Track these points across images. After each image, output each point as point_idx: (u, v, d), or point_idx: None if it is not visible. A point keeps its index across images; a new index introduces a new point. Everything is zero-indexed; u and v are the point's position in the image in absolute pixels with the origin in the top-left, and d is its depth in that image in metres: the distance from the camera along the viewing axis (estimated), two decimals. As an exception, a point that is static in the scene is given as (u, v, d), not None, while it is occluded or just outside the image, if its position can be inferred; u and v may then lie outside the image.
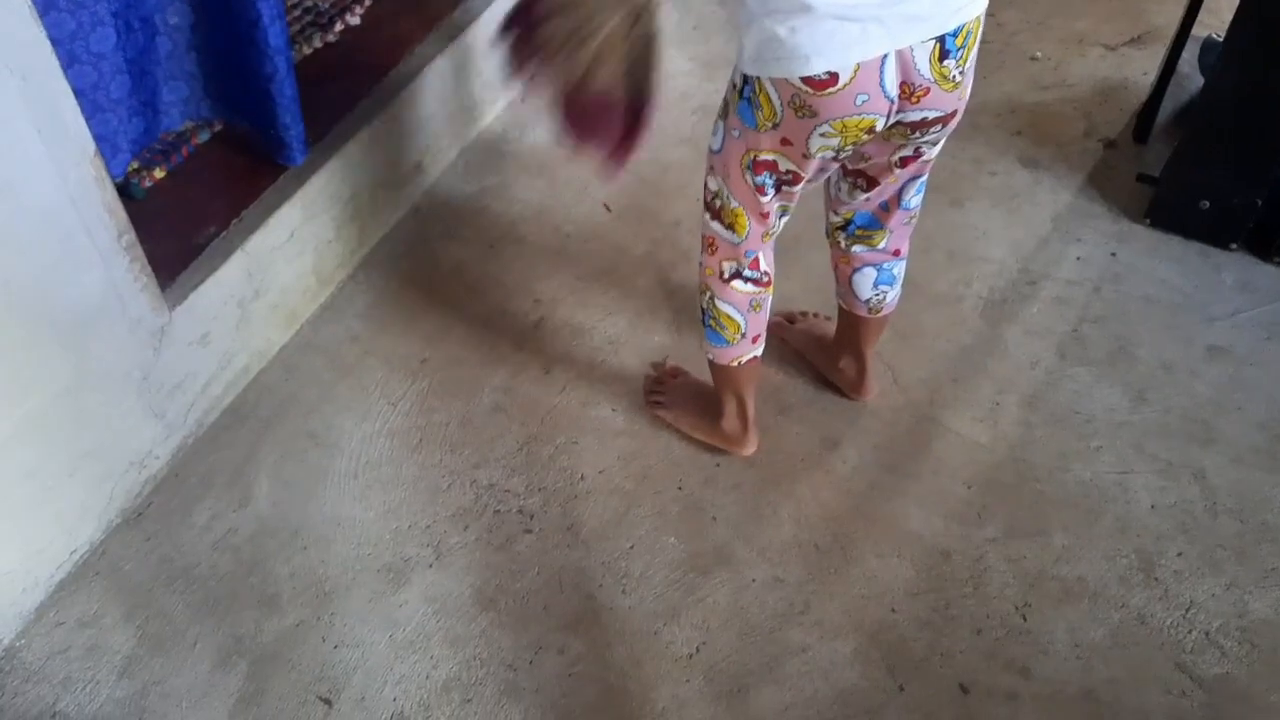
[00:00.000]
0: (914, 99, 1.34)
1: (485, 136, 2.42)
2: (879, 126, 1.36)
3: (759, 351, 1.73)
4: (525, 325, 2.06)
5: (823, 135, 1.37)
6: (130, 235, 1.60)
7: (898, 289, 1.76)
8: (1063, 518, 1.77)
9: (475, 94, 2.36)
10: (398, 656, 1.62)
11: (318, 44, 2.17)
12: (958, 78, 1.36)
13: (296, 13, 2.24)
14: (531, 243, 2.21)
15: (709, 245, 1.63)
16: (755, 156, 1.45)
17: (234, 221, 1.86)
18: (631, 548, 1.74)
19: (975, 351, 2.02)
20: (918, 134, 1.42)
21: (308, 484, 1.82)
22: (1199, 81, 2.32)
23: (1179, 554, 1.73)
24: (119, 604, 1.68)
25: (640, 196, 2.30)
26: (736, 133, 1.46)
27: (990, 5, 1.37)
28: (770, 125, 1.39)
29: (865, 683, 1.59)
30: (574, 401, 1.94)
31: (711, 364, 1.76)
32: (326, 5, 2.25)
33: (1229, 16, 1.94)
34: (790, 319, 2.05)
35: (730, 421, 1.82)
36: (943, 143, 1.51)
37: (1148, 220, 2.21)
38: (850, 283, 1.75)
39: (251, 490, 1.81)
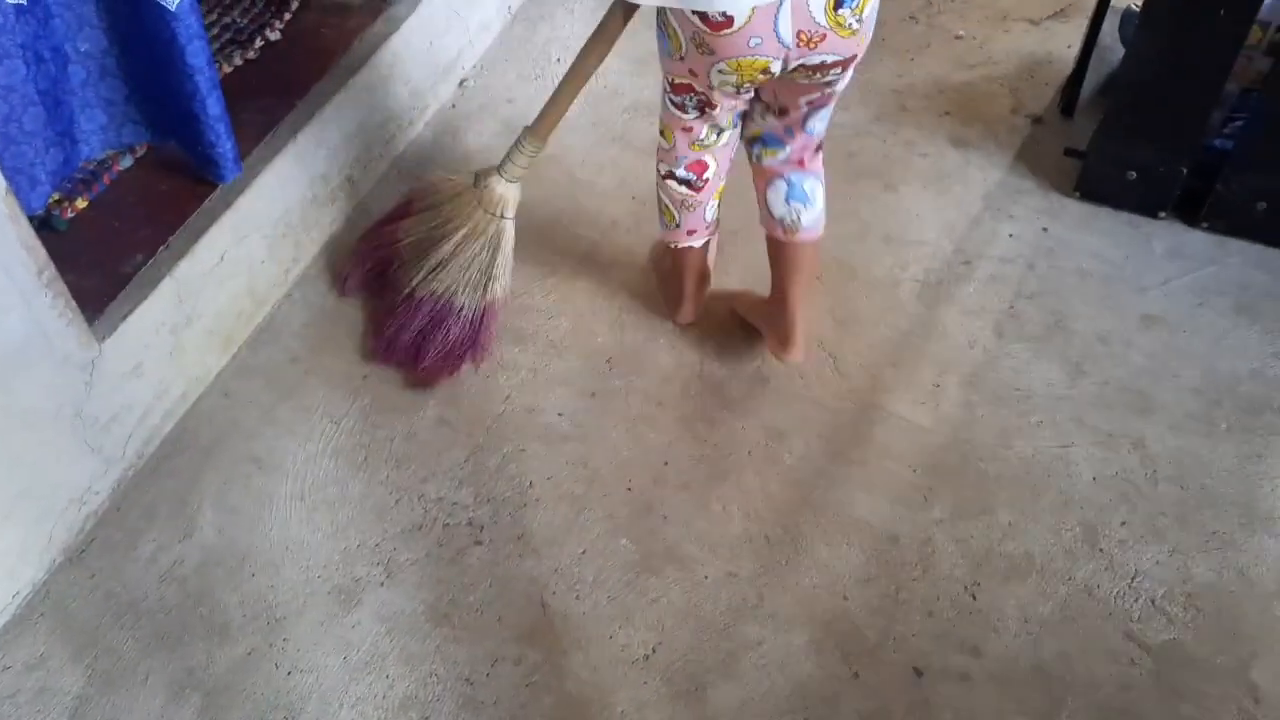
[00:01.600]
0: (811, 44, 1.47)
1: (417, 145, 2.40)
2: (774, 69, 1.50)
3: (694, 244, 1.89)
4: (466, 334, 2.05)
5: (720, 72, 1.53)
6: (51, 270, 1.57)
7: (813, 213, 1.79)
8: (1007, 495, 1.79)
9: (404, 102, 2.34)
10: (353, 678, 1.61)
11: (238, 61, 2.14)
12: (854, 25, 1.47)
13: (215, 30, 2.20)
14: (468, 250, 2.20)
15: (658, 141, 1.81)
16: (673, 80, 1.65)
17: (161, 248, 1.83)
18: (583, 553, 1.74)
19: (914, 335, 2.03)
20: (819, 75, 1.54)
21: (253, 509, 1.80)
22: (1121, 53, 2.35)
23: (1122, 524, 1.75)
24: (66, 644, 1.66)
25: (577, 198, 2.29)
26: (659, 57, 1.65)
27: None
28: (679, 56, 1.56)
29: (821, 672, 1.60)
30: (519, 409, 1.93)
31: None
32: (245, 22, 2.22)
33: (1144, -11, 1.97)
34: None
35: (670, 287, 2.02)
36: (849, 77, 1.60)
37: (1077, 193, 2.23)
38: (766, 201, 1.81)
39: (196, 519, 1.79)
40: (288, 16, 2.23)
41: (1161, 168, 2.12)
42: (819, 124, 1.72)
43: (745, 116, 1.77)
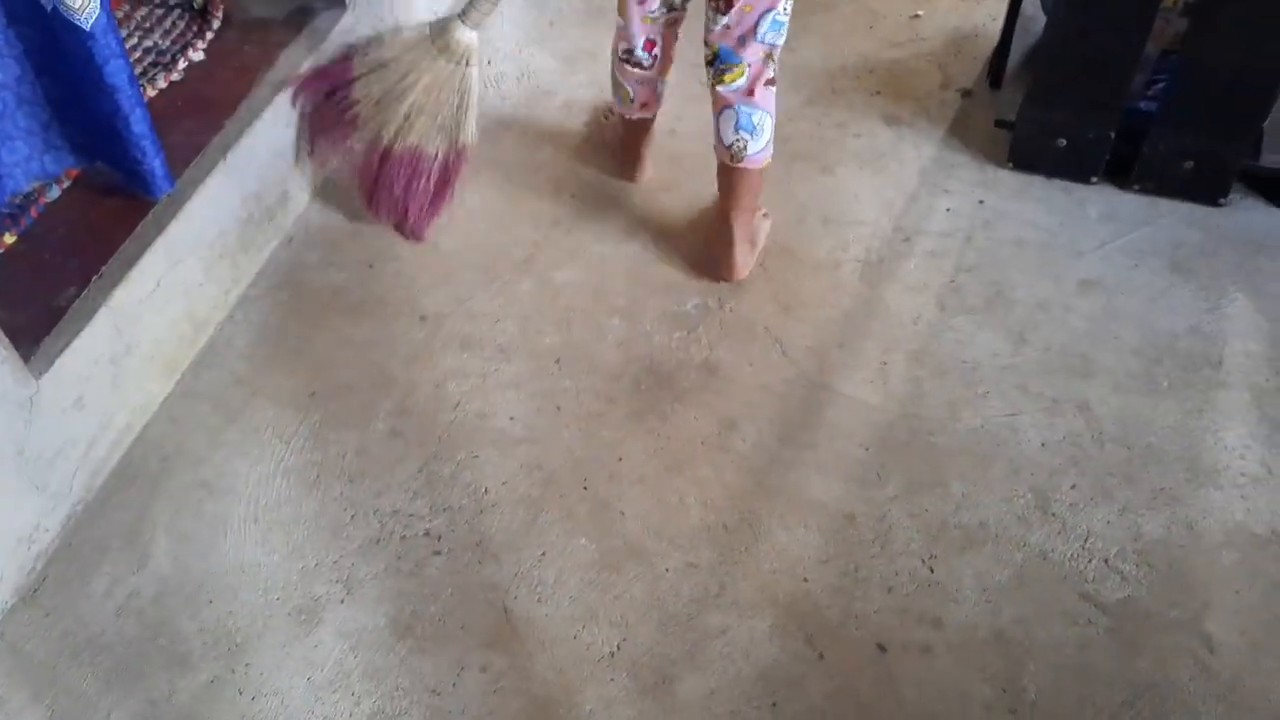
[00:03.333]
0: None
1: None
2: None
3: (647, 116, 2.19)
4: (413, 344, 2.04)
5: None
6: (-20, 309, 1.54)
7: (760, 143, 1.95)
8: (958, 467, 1.81)
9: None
10: (318, 698, 1.60)
11: (162, 84, 2.11)
12: None
13: (137, 54, 2.18)
14: (410, 259, 2.19)
15: (616, 28, 2.05)
16: None
17: (94, 279, 1.81)
18: (543, 555, 1.74)
19: (858, 314, 2.05)
20: None
21: (207, 535, 1.78)
22: (1043, 22, 2.38)
23: (1072, 487, 1.78)
24: (24, 686, 1.63)
25: (516, 198, 2.29)
26: None
27: None
28: None
29: (785, 656, 1.61)
30: (470, 415, 1.93)
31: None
32: (167, 44, 2.19)
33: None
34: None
35: (623, 154, 2.29)
36: None
37: (1010, 164, 2.26)
38: (718, 128, 1.97)
39: (149, 550, 1.77)
40: (210, 36, 2.21)
41: (1089, 133, 2.15)
42: (770, 33, 1.85)
43: (704, 38, 1.91)
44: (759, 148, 1.95)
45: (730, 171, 1.99)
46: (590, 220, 2.24)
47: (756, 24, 1.83)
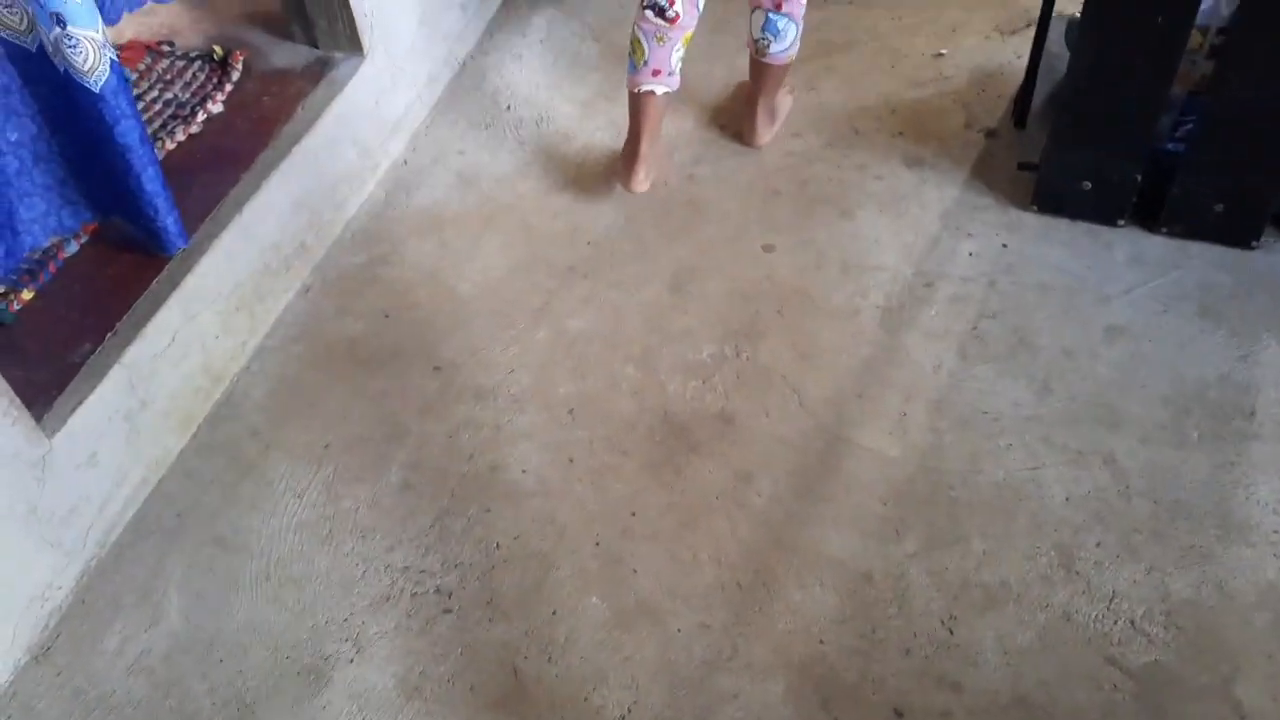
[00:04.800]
0: None
1: (370, 204, 2.39)
2: None
3: (657, 89, 2.15)
4: (427, 394, 2.03)
5: None
6: (-9, 371, 1.55)
7: (781, 45, 2.20)
8: (979, 522, 1.77)
9: (353, 163, 2.33)
10: (325, 762, 1.58)
11: (181, 137, 2.13)
12: None
13: (157, 106, 2.20)
14: (427, 308, 2.18)
15: None
16: None
17: (109, 335, 1.82)
18: (554, 613, 1.71)
19: (877, 363, 2.01)
20: None
21: (219, 593, 1.78)
22: (1068, 60, 2.33)
23: (1097, 544, 1.73)
24: (35, 745, 1.63)
25: (532, 245, 2.28)
26: None
27: (858, 6, 1.44)
28: None
29: (800, 721, 1.58)
30: (483, 468, 1.91)
31: (628, 95, 2.20)
32: (187, 96, 2.21)
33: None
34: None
35: (627, 148, 2.25)
36: None
37: (1034, 206, 2.22)
38: (750, 22, 2.21)
39: (162, 607, 1.77)
40: (229, 88, 2.23)
41: (1115, 175, 2.11)
42: None
43: None
44: (782, 48, 2.21)
45: (755, 63, 2.27)
46: (607, 267, 2.22)
47: None
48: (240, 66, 2.26)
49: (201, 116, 2.17)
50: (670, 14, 2.07)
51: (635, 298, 2.16)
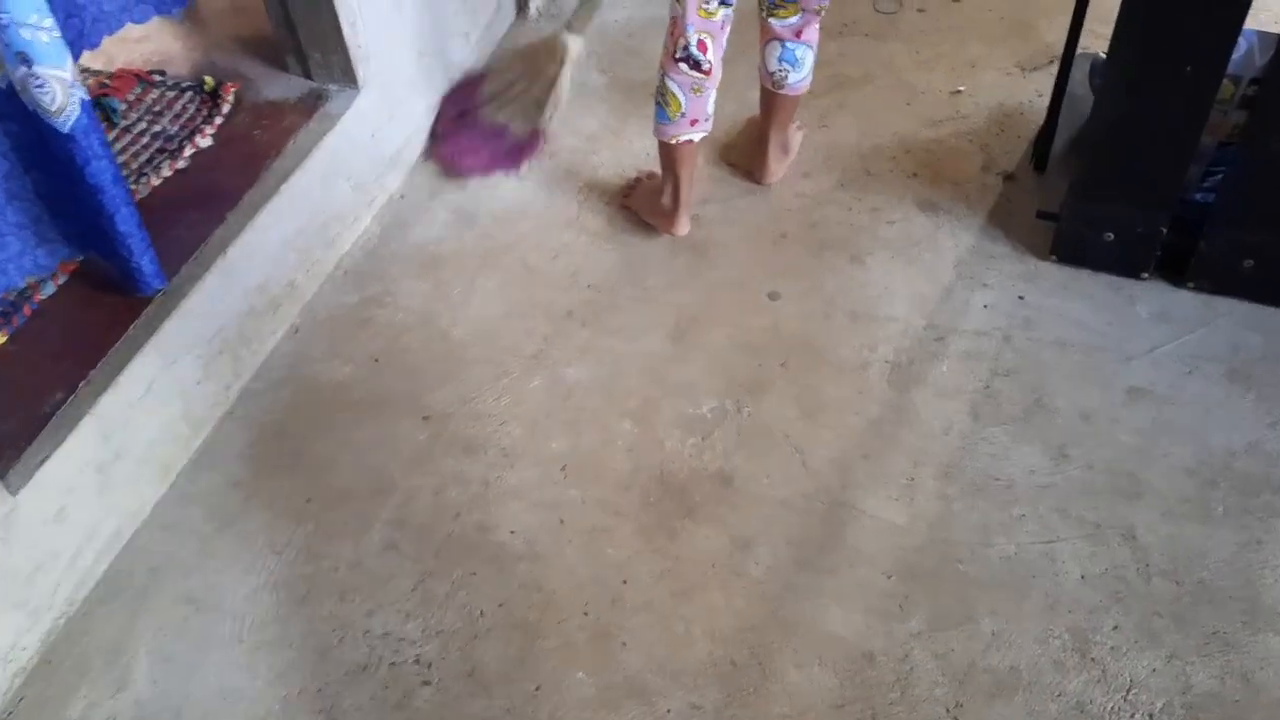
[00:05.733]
0: None
1: (364, 240, 2.31)
2: None
3: (695, 136, 2.06)
4: (415, 446, 1.95)
5: None
6: (-52, 430, 1.48)
7: (799, 75, 2.13)
8: (989, 600, 1.67)
9: (347, 199, 2.25)
10: (291, 847, 1.50)
11: (167, 172, 2.06)
12: None
13: (145, 139, 2.13)
14: (417, 352, 2.10)
15: (670, 26, 1.95)
16: None
17: (81, 384, 1.74)
18: (537, 689, 1.63)
19: (885, 422, 1.92)
20: None
21: (190, 656, 1.70)
22: (1092, 102, 2.24)
23: (1114, 627, 1.63)
24: (-9, 818, 1.56)
25: (530, 287, 2.20)
26: None
27: (874, 39, 1.37)
28: None
29: (793, 816, 1.49)
30: (469, 528, 1.83)
31: (659, 145, 2.12)
32: (176, 129, 2.14)
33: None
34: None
35: (666, 198, 2.19)
36: None
37: (1054, 257, 2.12)
38: (764, 53, 2.13)
39: (130, 670, 1.69)
40: (219, 121, 2.15)
41: (1140, 228, 2.01)
42: None
43: None
44: (800, 77, 2.13)
45: (770, 95, 2.19)
46: (606, 313, 2.14)
47: None
48: (231, 99, 2.19)
49: (189, 151, 2.10)
50: (705, 66, 1.96)
51: (635, 346, 2.08)
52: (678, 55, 1.95)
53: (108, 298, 1.86)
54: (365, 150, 2.28)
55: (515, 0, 2.78)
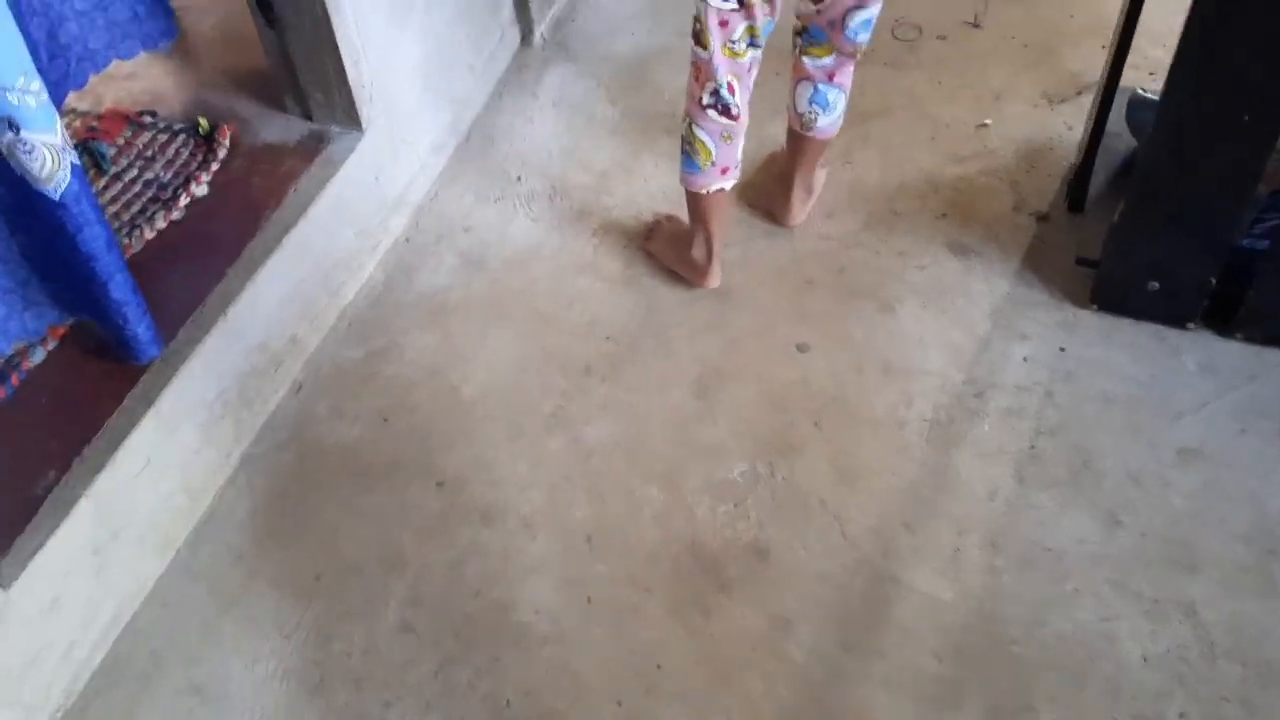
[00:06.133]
0: None
1: (368, 289, 2.20)
2: None
3: (727, 185, 1.94)
4: (429, 514, 1.85)
5: None
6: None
7: (830, 118, 2.02)
8: (1047, 686, 1.58)
9: (350, 246, 2.14)
10: None
11: (161, 224, 1.94)
12: None
13: (137, 188, 2.01)
14: (428, 411, 1.99)
15: (693, 71, 1.83)
16: None
17: (75, 462, 1.63)
18: (570, 788, 1.53)
19: (926, 486, 1.82)
20: None
21: (195, 753, 1.60)
22: (1128, 139, 2.15)
23: (1180, 715, 1.54)
24: None
25: (544, 338, 2.09)
26: None
27: (893, 68, 1.28)
28: None
29: None
30: (490, 606, 1.72)
31: (687, 195, 1.99)
32: (169, 176, 2.03)
33: (1152, 65, 1.76)
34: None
35: (697, 250, 2.07)
36: None
37: (1094, 305, 2.03)
38: (794, 93, 2.02)
39: (131, 769, 1.58)
40: (215, 167, 2.03)
41: (1186, 277, 1.92)
42: (861, 35, 1.87)
43: (797, 8, 1.91)
44: (830, 121, 2.02)
45: (798, 137, 2.07)
46: (626, 366, 2.03)
47: (846, 18, 1.83)
48: (227, 143, 2.07)
49: (184, 200, 1.98)
50: (735, 111, 1.84)
51: (658, 403, 1.97)
52: (706, 101, 1.83)
53: (100, 365, 1.75)
54: (369, 193, 2.16)
55: (519, 27, 2.66)
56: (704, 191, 1.94)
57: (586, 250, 2.24)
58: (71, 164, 1.47)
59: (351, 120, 2.08)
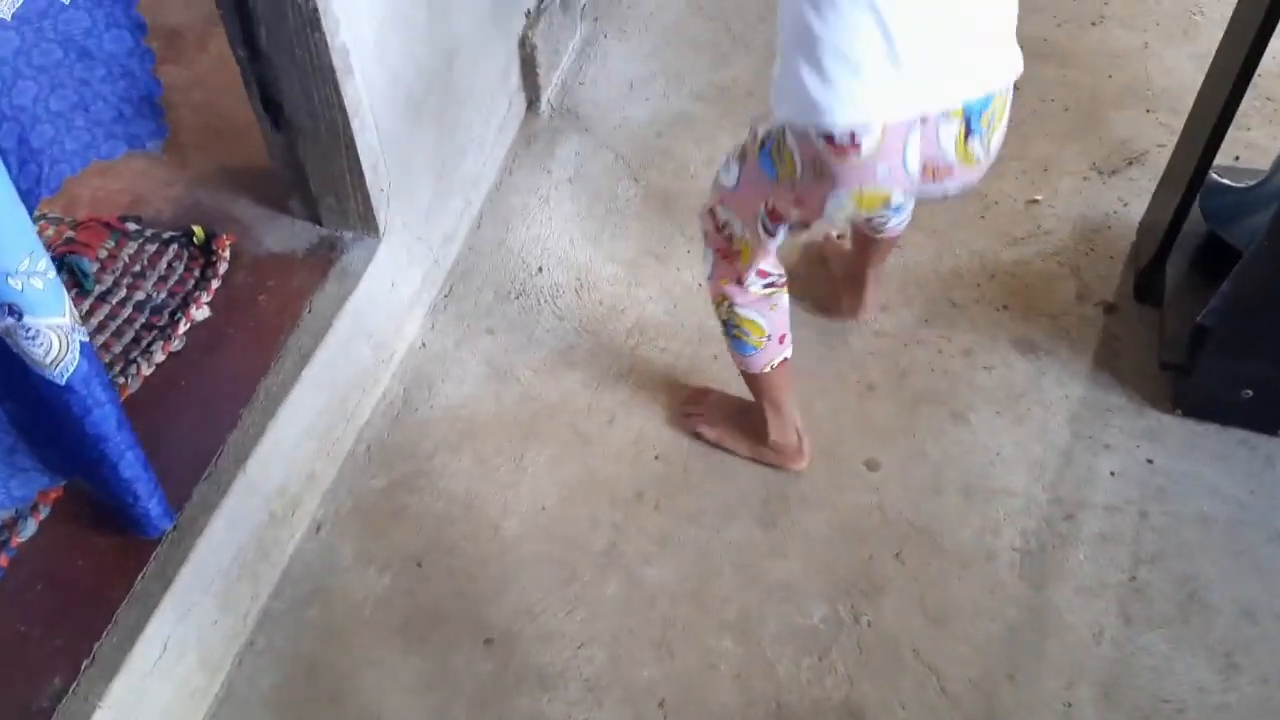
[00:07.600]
0: (936, 177, 1.36)
1: (386, 406, 1.98)
2: (896, 199, 1.39)
3: (788, 352, 1.74)
4: (480, 680, 1.65)
5: (837, 203, 1.38)
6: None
7: (900, 218, 1.86)
8: None
9: (367, 363, 1.93)
10: None
11: (160, 358, 1.72)
12: (980, 157, 1.37)
13: (127, 312, 1.78)
14: (466, 552, 1.80)
15: (718, 249, 1.64)
16: (772, 206, 1.49)
17: (84, 664, 1.41)
18: None
19: (1025, 629, 1.68)
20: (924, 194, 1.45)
21: None
22: (1199, 223, 2.02)
23: None
24: None
25: (587, 461, 1.90)
26: (755, 180, 1.49)
27: None
28: (789, 182, 1.42)
29: None
30: (561, 793, 1.54)
31: (746, 376, 1.78)
32: (163, 296, 1.80)
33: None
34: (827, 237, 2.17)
35: (780, 434, 1.82)
36: None
37: (1178, 410, 1.90)
38: None
39: None
40: (215, 284, 1.81)
41: (1284, 384, 1.80)
42: (899, 223, 1.86)
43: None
44: (900, 220, 1.87)
45: (867, 239, 1.93)
46: (681, 492, 1.86)
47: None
48: (227, 254, 1.85)
49: (184, 326, 1.76)
50: (779, 279, 1.67)
51: (720, 536, 1.80)
52: (746, 279, 1.63)
53: (102, 538, 1.53)
54: (385, 300, 1.95)
55: (525, 94, 2.46)
56: (767, 370, 1.74)
57: (623, 352, 2.05)
58: (81, 343, 1.25)
59: (368, 225, 1.87)
